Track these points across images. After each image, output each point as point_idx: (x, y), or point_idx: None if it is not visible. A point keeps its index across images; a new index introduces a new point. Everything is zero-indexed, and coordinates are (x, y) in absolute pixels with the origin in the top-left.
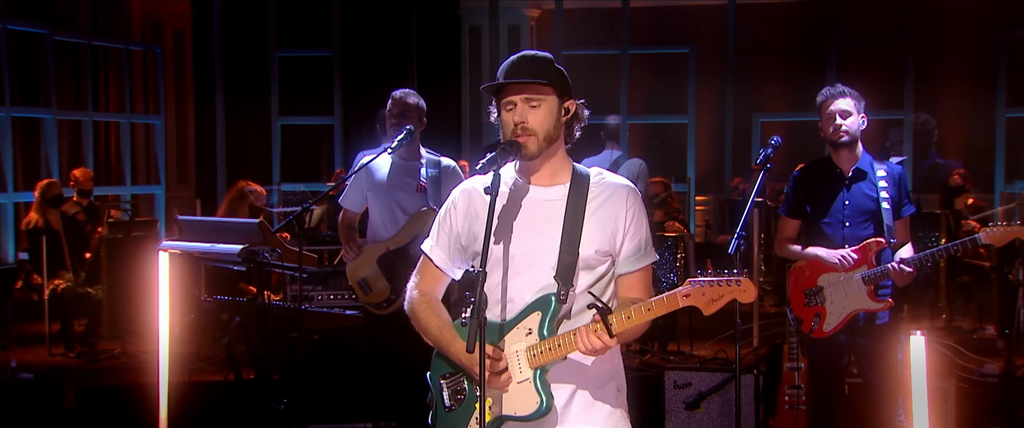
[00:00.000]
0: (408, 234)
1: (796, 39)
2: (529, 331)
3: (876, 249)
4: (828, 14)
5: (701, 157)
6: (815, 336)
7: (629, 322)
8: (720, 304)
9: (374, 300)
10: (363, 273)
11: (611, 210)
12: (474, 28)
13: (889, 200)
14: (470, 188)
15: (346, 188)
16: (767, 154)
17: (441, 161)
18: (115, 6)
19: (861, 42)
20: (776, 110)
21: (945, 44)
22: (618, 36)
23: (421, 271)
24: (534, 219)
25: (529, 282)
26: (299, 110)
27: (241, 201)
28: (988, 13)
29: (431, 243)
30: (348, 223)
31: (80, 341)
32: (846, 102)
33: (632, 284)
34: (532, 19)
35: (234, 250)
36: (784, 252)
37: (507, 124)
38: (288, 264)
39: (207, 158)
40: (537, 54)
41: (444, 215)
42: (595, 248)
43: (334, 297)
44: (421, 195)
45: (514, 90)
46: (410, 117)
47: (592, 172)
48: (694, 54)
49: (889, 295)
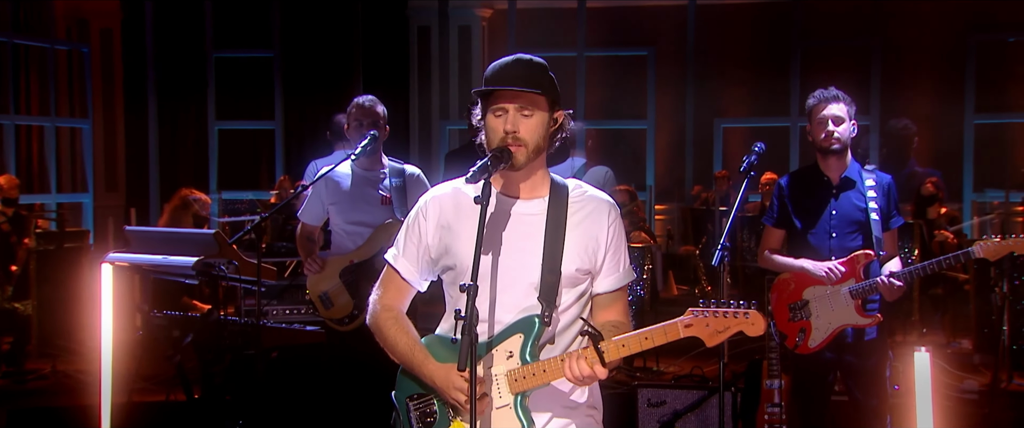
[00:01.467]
0: (373, 247)
1: (759, 42)
2: (510, 354)
3: (864, 262)
4: (792, 16)
5: (660, 164)
6: (799, 352)
7: (624, 351)
8: (725, 336)
9: (336, 315)
10: (324, 287)
11: (592, 226)
12: (423, 28)
13: (878, 210)
14: (440, 195)
15: (304, 200)
16: (751, 161)
17: (405, 169)
18: (38, 2)
19: (826, 45)
20: (738, 115)
21: (912, 48)
22: (574, 37)
23: (385, 283)
24: (514, 234)
25: (510, 301)
26: (237, 114)
27: (185, 210)
28: (956, 16)
29: (395, 253)
30: (307, 236)
31: (7, 360)
32: (839, 107)
33: (610, 305)
34: (484, 19)
35: (188, 263)
36: (767, 263)
37: (495, 130)
38: (246, 278)
39: (138, 165)
40: (533, 60)
41: (412, 224)
42: (576, 266)
43: (291, 312)
44: (386, 207)
45: (507, 96)
46: (377, 126)
47: (570, 184)
48: (653, 56)
49: (877, 310)
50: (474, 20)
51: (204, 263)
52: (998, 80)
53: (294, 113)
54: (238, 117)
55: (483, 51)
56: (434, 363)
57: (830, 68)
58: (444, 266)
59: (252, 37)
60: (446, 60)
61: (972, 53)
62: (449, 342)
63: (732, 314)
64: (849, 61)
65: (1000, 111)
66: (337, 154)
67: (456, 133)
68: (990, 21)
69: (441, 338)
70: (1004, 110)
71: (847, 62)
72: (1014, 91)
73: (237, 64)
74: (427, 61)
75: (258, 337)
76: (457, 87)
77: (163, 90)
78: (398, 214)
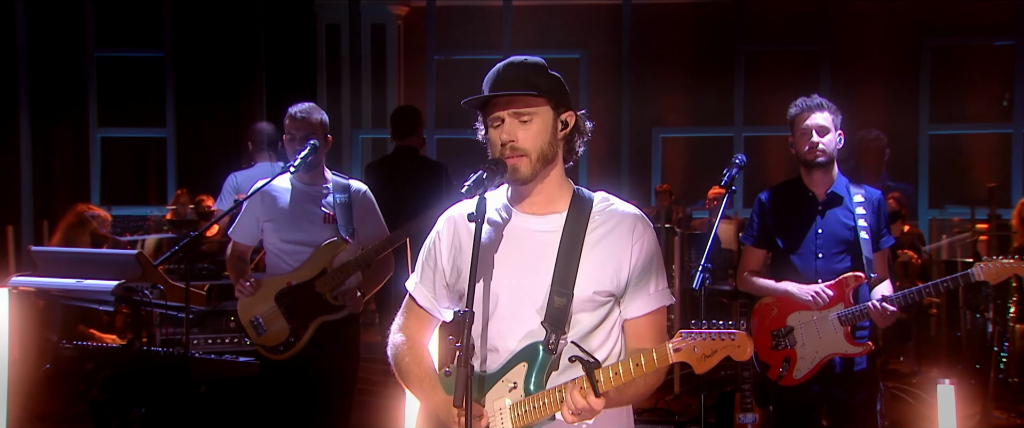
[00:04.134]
0: (313, 268)
1: (700, 45)
2: (514, 385)
3: (854, 284)
4: (735, 18)
5: (593, 175)
6: (783, 384)
7: (617, 379)
8: (713, 361)
9: (269, 342)
10: (257, 311)
11: (615, 242)
12: (331, 26)
13: (867, 229)
14: (455, 215)
15: (237, 217)
16: (732, 174)
17: (351, 185)
18: None
19: (772, 50)
20: (678, 124)
21: (863, 52)
22: (499, 38)
23: (406, 312)
24: (522, 253)
25: (515, 328)
26: (122, 120)
27: (81, 228)
28: (909, 20)
29: (415, 280)
30: (238, 256)
31: None
32: (824, 116)
33: (641, 331)
34: (399, 17)
35: (106, 287)
36: (747, 287)
37: (495, 143)
38: (173, 304)
39: (10, 177)
40: (527, 60)
41: (429, 248)
42: (594, 288)
43: (213, 341)
44: (329, 226)
45: (501, 104)
46: (317, 136)
47: (597, 197)
48: (586, 59)
49: (867, 337)
50: (388, 18)
51: (125, 287)
52: (953, 87)
53: (187, 120)
54: (123, 124)
55: (399, 52)
56: (439, 395)
57: (776, 74)
58: (458, 291)
59: (139, 35)
60: (358, 62)
61: (926, 58)
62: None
63: (718, 336)
64: (796, 66)
65: (957, 121)
66: (260, 166)
67: (369, 142)
68: (943, 24)
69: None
70: (961, 120)
71: (794, 67)
72: (971, 100)
73: (122, 65)
74: (337, 62)
75: (185, 370)
76: (370, 92)
77: (37, 94)
78: (343, 233)
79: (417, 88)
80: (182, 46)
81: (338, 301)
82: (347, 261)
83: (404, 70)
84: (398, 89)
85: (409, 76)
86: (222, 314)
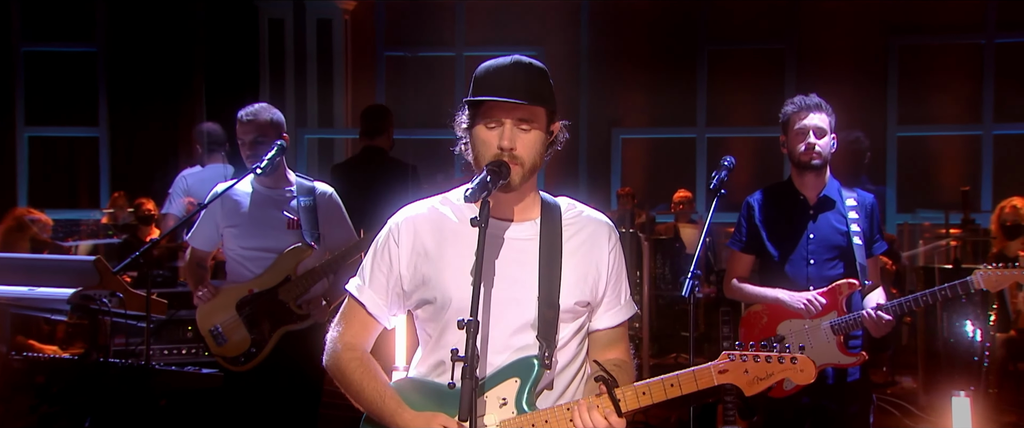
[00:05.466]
0: (276, 275)
1: (661, 43)
2: (504, 401)
3: (847, 292)
4: (698, 16)
5: (551, 177)
6: (772, 396)
7: (645, 400)
8: (766, 384)
9: (230, 353)
10: (217, 320)
11: (591, 252)
12: (275, 21)
13: (860, 234)
14: (415, 216)
15: (195, 223)
16: (721, 177)
17: (316, 188)
18: None
19: (736, 49)
20: (638, 124)
21: (829, 50)
22: (452, 35)
23: (347, 318)
24: (506, 262)
25: (502, 339)
26: (52, 119)
27: (20, 233)
28: (876, 18)
29: (360, 283)
30: (197, 262)
31: None
32: (821, 118)
33: (612, 343)
34: (346, 12)
35: (62, 295)
36: (735, 294)
37: (489, 145)
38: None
39: None
40: (533, 64)
41: (381, 251)
42: (575, 299)
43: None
44: (293, 231)
45: (506, 106)
46: (269, 137)
47: (562, 203)
48: (542, 57)
49: (861, 347)
50: (335, 12)
51: (82, 295)
52: (922, 87)
53: (122, 118)
54: (52, 122)
55: (346, 49)
56: (409, 412)
57: (740, 73)
58: (420, 300)
59: (70, 28)
60: (303, 58)
61: (894, 57)
62: (426, 387)
63: (776, 358)
64: (761, 65)
65: (925, 122)
66: (212, 168)
67: (316, 143)
68: (911, 22)
69: (416, 382)
70: (929, 121)
71: (758, 66)
72: (939, 100)
73: (52, 60)
74: (280, 58)
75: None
76: (316, 90)
77: None
78: (307, 238)
79: (366, 86)
80: (116, 40)
81: (303, 310)
82: (312, 267)
83: (352, 67)
84: (346, 87)
85: (358, 73)
86: (179, 323)
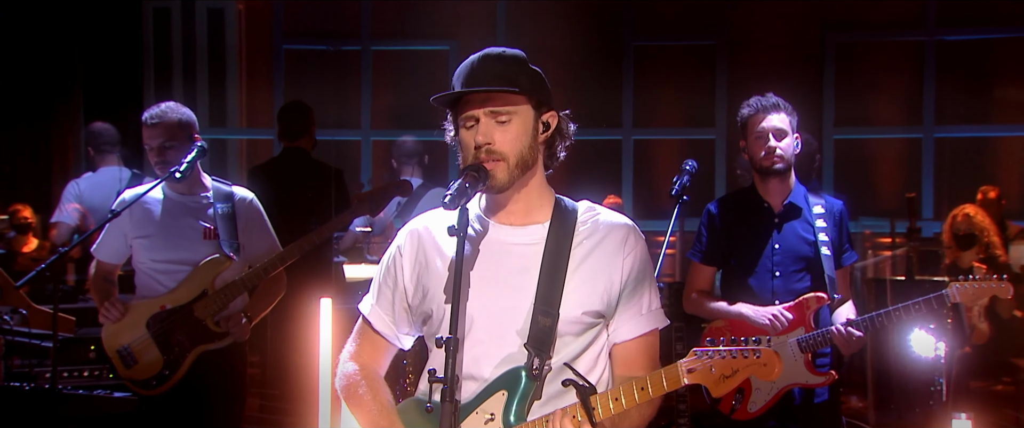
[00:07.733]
0: (191, 289)
1: (584, 39)
2: (491, 417)
3: (815, 307)
4: (623, 9)
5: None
6: (736, 418)
7: (618, 406)
8: (734, 383)
9: (140, 375)
10: (125, 339)
11: (604, 257)
12: (161, 11)
13: (829, 244)
14: (419, 228)
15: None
16: (683, 183)
17: (235, 193)
18: None
19: (663, 45)
20: None
21: (762, 49)
22: (358, 29)
23: (360, 338)
24: (500, 269)
25: (492, 352)
26: None
27: None
28: (812, 13)
29: (370, 302)
30: (103, 276)
31: None
32: (780, 118)
33: (632, 357)
34: (240, 3)
35: None
36: (695, 308)
37: (467, 146)
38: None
39: None
40: (505, 52)
41: (388, 265)
42: (582, 308)
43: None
44: (210, 242)
45: (475, 101)
46: (180, 140)
47: (581, 206)
48: (456, 52)
49: (829, 366)
50: (228, 3)
51: None
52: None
53: None
54: None
55: (240, 44)
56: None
57: (667, 71)
58: (423, 314)
59: None
60: (192, 53)
61: (830, 56)
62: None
63: (740, 354)
64: (689, 63)
65: (863, 124)
66: (106, 171)
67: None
68: (849, 18)
69: (418, 402)
70: (867, 123)
71: (687, 64)
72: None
73: None
74: (166, 52)
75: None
76: (206, 88)
77: None
78: (226, 249)
79: (262, 81)
80: None
81: (221, 327)
82: (231, 281)
83: (247, 61)
84: (240, 83)
85: (252, 68)
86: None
